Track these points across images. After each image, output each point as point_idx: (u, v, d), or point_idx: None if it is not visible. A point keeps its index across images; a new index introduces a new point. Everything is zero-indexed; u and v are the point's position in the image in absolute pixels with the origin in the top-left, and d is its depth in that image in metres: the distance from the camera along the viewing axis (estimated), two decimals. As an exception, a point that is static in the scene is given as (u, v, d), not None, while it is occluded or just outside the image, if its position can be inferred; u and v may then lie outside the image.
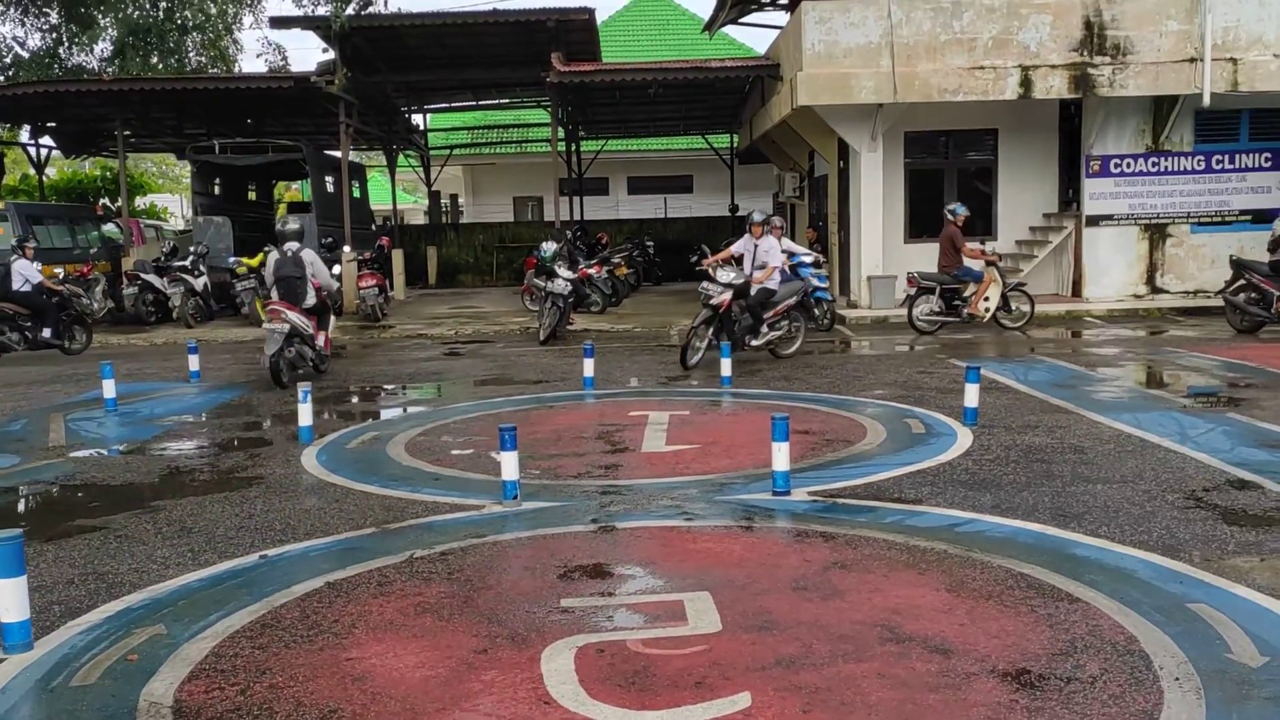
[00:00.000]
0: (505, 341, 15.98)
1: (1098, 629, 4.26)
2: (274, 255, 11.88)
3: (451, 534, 5.83)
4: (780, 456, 6.45)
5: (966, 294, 14.96)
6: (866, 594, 4.73)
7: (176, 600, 4.91)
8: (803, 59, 16.81)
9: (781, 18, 22.87)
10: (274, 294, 11.49)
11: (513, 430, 6.40)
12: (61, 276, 15.55)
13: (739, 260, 12.44)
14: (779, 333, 12.44)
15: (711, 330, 11.87)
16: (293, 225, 11.86)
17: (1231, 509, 5.94)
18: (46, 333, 14.65)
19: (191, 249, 19.24)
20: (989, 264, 15.08)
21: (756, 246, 12.21)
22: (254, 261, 18.53)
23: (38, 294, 14.67)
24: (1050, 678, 3.82)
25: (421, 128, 29.96)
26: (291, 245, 11.55)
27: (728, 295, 11.73)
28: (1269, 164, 17.72)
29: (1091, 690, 3.72)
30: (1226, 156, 17.79)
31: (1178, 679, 3.80)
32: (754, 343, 12.21)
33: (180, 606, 4.82)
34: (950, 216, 15.22)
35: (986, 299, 14.92)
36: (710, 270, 12.30)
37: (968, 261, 15.11)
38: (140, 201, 33.02)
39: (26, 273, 14.63)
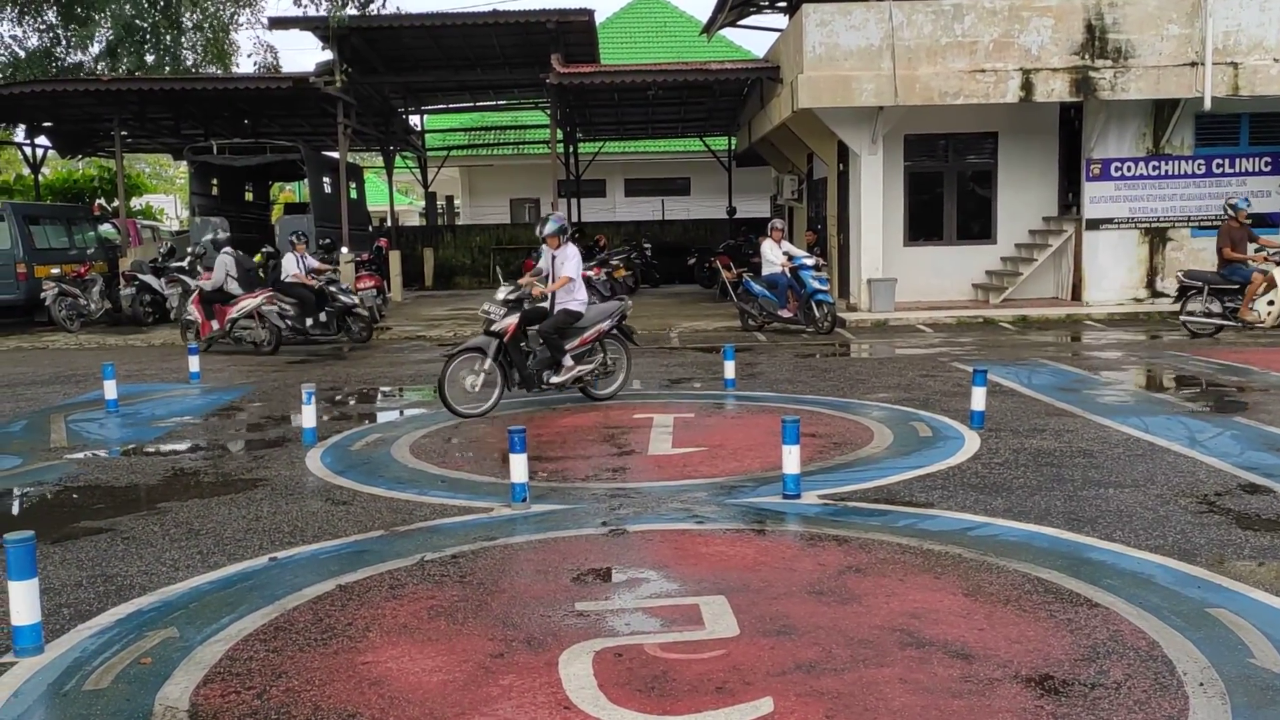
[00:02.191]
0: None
1: (1119, 634, 4.24)
2: (230, 256, 15.90)
3: (461, 537, 5.79)
4: (791, 459, 6.43)
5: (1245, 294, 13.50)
6: (884, 598, 4.70)
7: (188, 603, 4.86)
8: (803, 61, 16.80)
9: (780, 20, 22.88)
10: (237, 287, 15.60)
11: (522, 432, 6.36)
12: (319, 270, 15.75)
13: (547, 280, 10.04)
14: (589, 366, 10.01)
15: (497, 364, 9.48)
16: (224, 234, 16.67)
17: (1245, 513, 5.92)
18: (308, 323, 15.31)
19: (189, 250, 19.16)
20: (1270, 260, 13.60)
21: (554, 259, 9.92)
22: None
23: (300, 287, 15.23)
24: (1074, 683, 3.79)
25: (419, 129, 29.92)
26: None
27: (513, 319, 9.49)
28: (1269, 168, 17.76)
29: (1116, 696, 3.69)
30: (1227, 160, 17.82)
31: (1202, 684, 3.77)
32: (554, 380, 9.80)
33: (192, 609, 4.77)
34: (1230, 212, 14.15)
35: (1271, 301, 13.41)
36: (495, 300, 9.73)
37: (1242, 257, 13.81)
38: (136, 202, 32.91)
39: (289, 266, 15.43)
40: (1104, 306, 17.49)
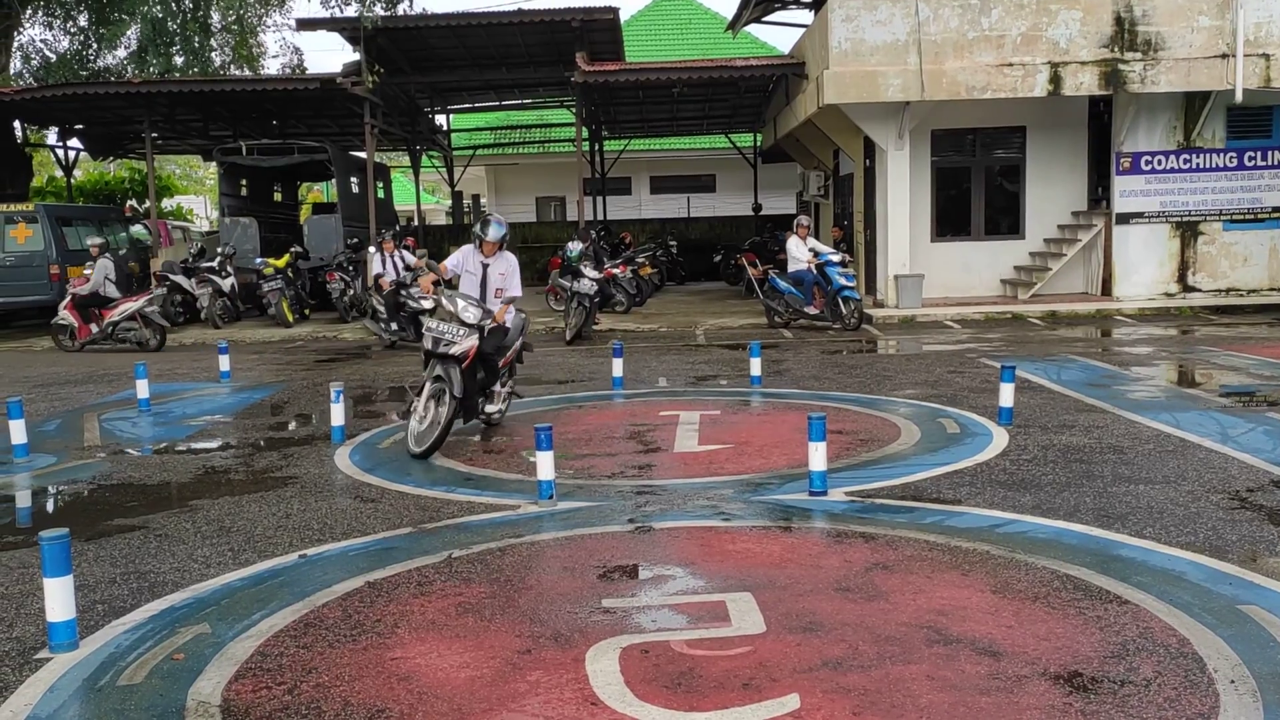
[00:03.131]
0: (531, 341, 15.95)
1: (1149, 631, 4.21)
2: (109, 260, 16.20)
3: (489, 534, 5.82)
4: (817, 456, 6.41)
5: None
6: (910, 595, 4.68)
7: (219, 599, 4.92)
8: (829, 57, 16.74)
9: (806, 16, 22.78)
10: (115, 290, 16.11)
11: (548, 430, 6.38)
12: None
13: (451, 284, 8.61)
14: (509, 388, 9.10)
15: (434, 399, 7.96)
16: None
17: (1277, 510, 5.85)
18: (393, 326, 15.27)
19: (219, 250, 19.35)
20: None
21: (487, 268, 8.44)
22: (280, 262, 18.65)
23: (381, 292, 15.35)
24: (1103, 680, 3.77)
25: (445, 128, 30.04)
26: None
27: (473, 341, 7.89)
28: (1302, 161, 17.52)
29: (1146, 694, 3.66)
30: (1259, 153, 17.59)
31: (1233, 682, 3.74)
32: (489, 409, 8.72)
33: (223, 605, 4.83)
34: None
35: None
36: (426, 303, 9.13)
37: None
38: (166, 203, 33.25)
39: (375, 266, 15.58)
40: (1134, 301, 17.32)
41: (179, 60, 24.66)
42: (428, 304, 12.94)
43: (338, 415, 8.65)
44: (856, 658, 4.03)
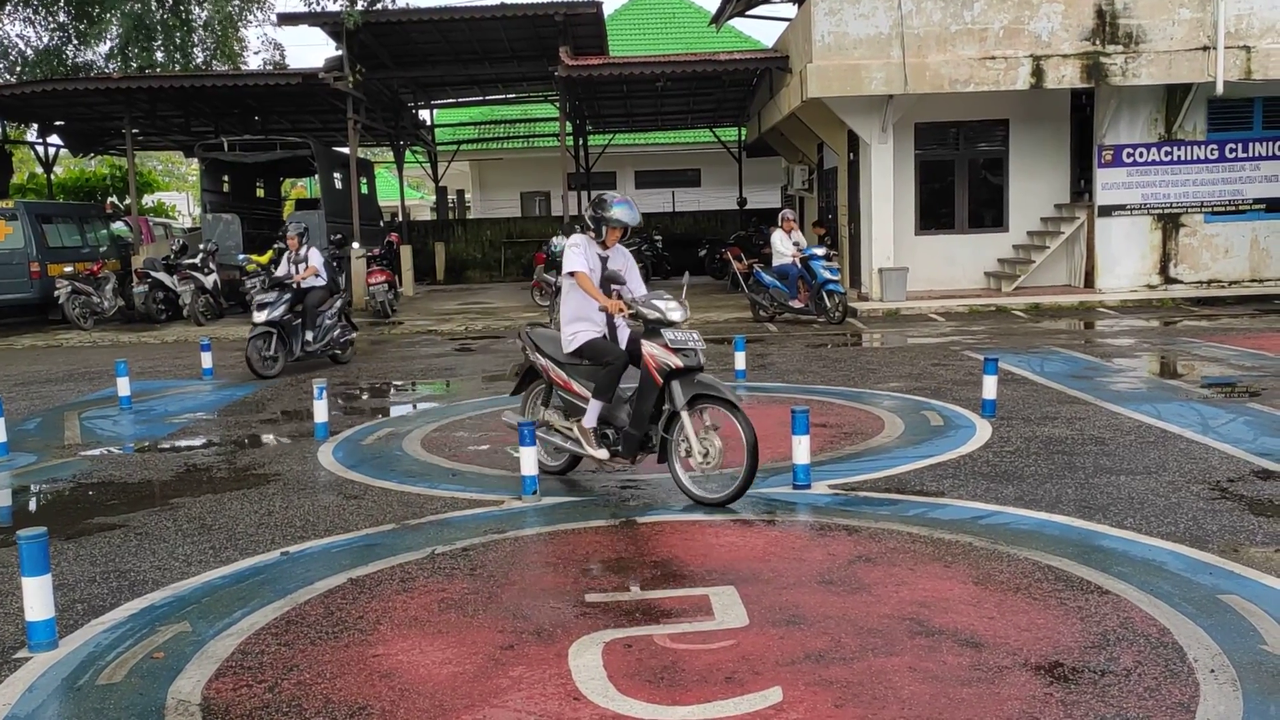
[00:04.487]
0: (516, 337, 15.93)
1: (1129, 621, 4.22)
2: None
3: (472, 530, 5.81)
4: (801, 450, 6.42)
5: None
6: (893, 587, 4.69)
7: (200, 597, 4.89)
8: (812, 50, 16.75)
9: (789, 10, 22.80)
10: None
11: (531, 425, 6.37)
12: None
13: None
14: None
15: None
16: None
17: (1258, 499, 5.89)
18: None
19: (201, 246, 19.24)
20: None
21: (605, 262, 7.28)
22: (264, 259, 18.53)
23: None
24: (1084, 671, 3.79)
25: (428, 123, 29.95)
26: None
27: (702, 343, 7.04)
28: (1283, 152, 17.62)
29: (1126, 683, 3.68)
30: (1240, 145, 17.70)
31: (1213, 671, 3.76)
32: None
33: (204, 604, 4.80)
34: None
35: None
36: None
37: None
38: (147, 199, 33.05)
39: (282, 267, 13.12)
40: (1117, 293, 17.40)
41: (160, 56, 24.53)
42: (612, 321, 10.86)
43: (320, 412, 8.61)
44: (839, 650, 4.04)
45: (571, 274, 6.47)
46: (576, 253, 6.52)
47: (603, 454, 6.46)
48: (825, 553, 5.22)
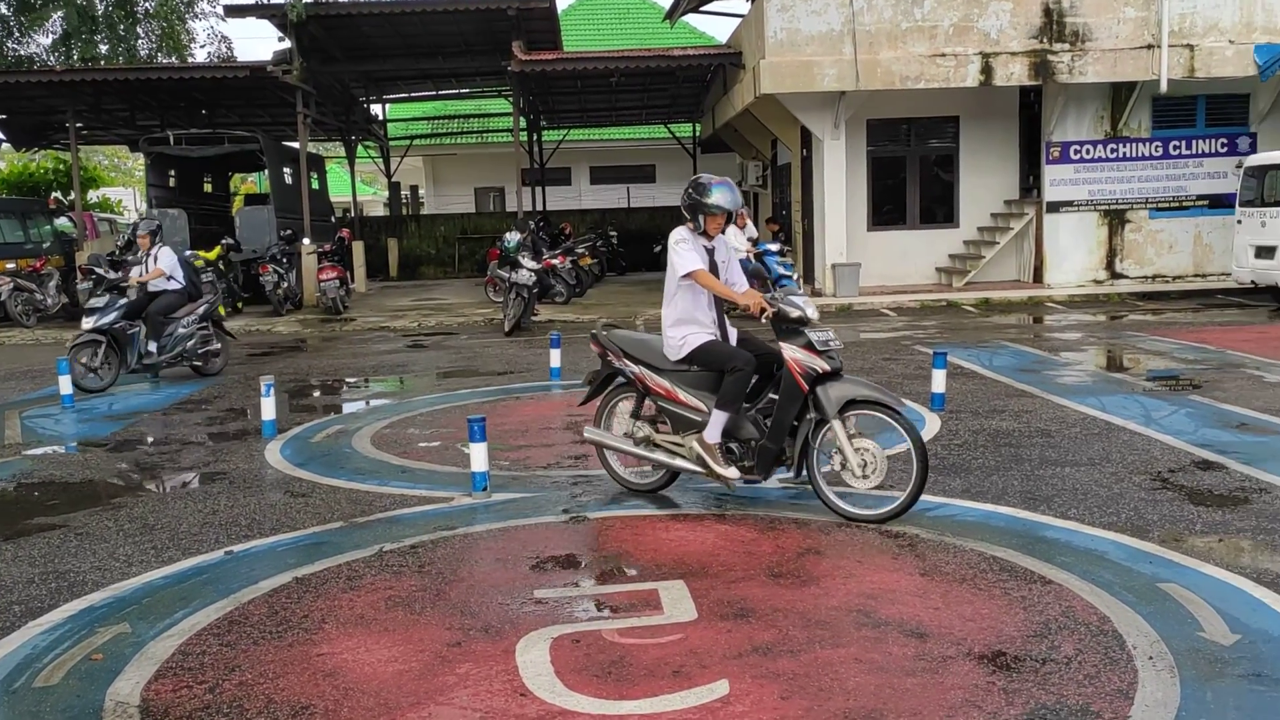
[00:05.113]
0: (469, 333, 15.87)
1: (1071, 610, 4.28)
2: None
3: (421, 527, 5.76)
4: (751, 444, 6.42)
5: None
6: (841, 580, 4.72)
7: (141, 598, 4.80)
8: (765, 47, 16.81)
9: (743, 5, 22.83)
10: None
11: (482, 421, 6.33)
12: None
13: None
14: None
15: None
16: None
17: (1197, 490, 6.00)
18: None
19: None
20: None
21: (712, 254, 6.55)
22: (211, 255, 18.26)
23: None
24: (1026, 659, 3.83)
25: (380, 118, 29.67)
26: None
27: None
28: (1225, 150, 17.99)
29: (1067, 671, 3.73)
30: (1184, 142, 18.03)
31: (1151, 658, 3.82)
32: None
33: (145, 605, 4.72)
34: None
35: None
36: None
37: None
38: (93, 195, 32.44)
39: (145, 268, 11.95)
40: (1065, 288, 17.66)
41: (104, 48, 24.09)
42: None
43: (268, 409, 8.50)
44: (786, 643, 4.05)
45: (689, 275, 5.78)
46: (686, 249, 5.87)
47: (733, 473, 5.73)
48: (775, 546, 5.24)
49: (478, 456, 6.36)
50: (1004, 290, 17.61)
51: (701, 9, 24.59)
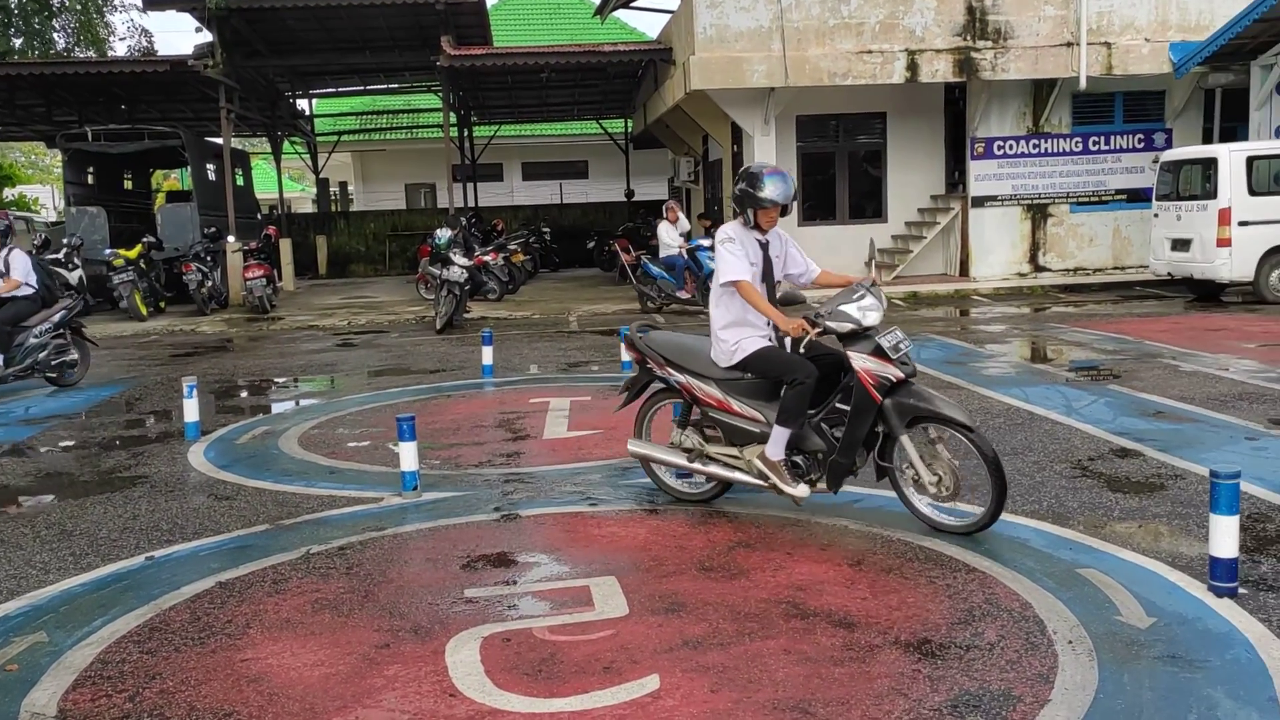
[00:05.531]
0: (400, 331, 15.70)
1: (994, 597, 4.37)
2: None
3: (349, 528, 5.68)
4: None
5: None
6: (771, 572, 4.76)
7: (58, 606, 4.67)
8: (694, 43, 16.86)
9: (672, 1, 22.88)
10: None
11: (411, 420, 6.26)
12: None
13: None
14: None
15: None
16: None
17: (1115, 477, 6.16)
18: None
19: (65, 241, 18.37)
20: None
21: (767, 248, 5.71)
22: (132, 253, 17.83)
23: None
24: (950, 646, 3.90)
25: (308, 113, 29.20)
26: None
27: None
28: (1142, 145, 18.47)
29: (990, 657, 3.80)
30: (1102, 138, 18.47)
31: (1071, 642, 3.91)
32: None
33: (62, 613, 4.59)
34: None
35: None
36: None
37: None
38: (8, 193, 31.45)
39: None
40: (990, 281, 18.00)
41: (18, 42, 23.35)
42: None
43: (191, 411, 8.32)
44: (716, 635, 4.07)
45: (731, 284, 5.33)
46: (731, 251, 5.37)
47: (803, 491, 5.29)
48: (706, 540, 5.27)
49: (407, 456, 6.29)
50: (931, 284, 17.90)
51: (631, 5, 24.64)
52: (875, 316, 5.18)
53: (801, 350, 5.26)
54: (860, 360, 5.05)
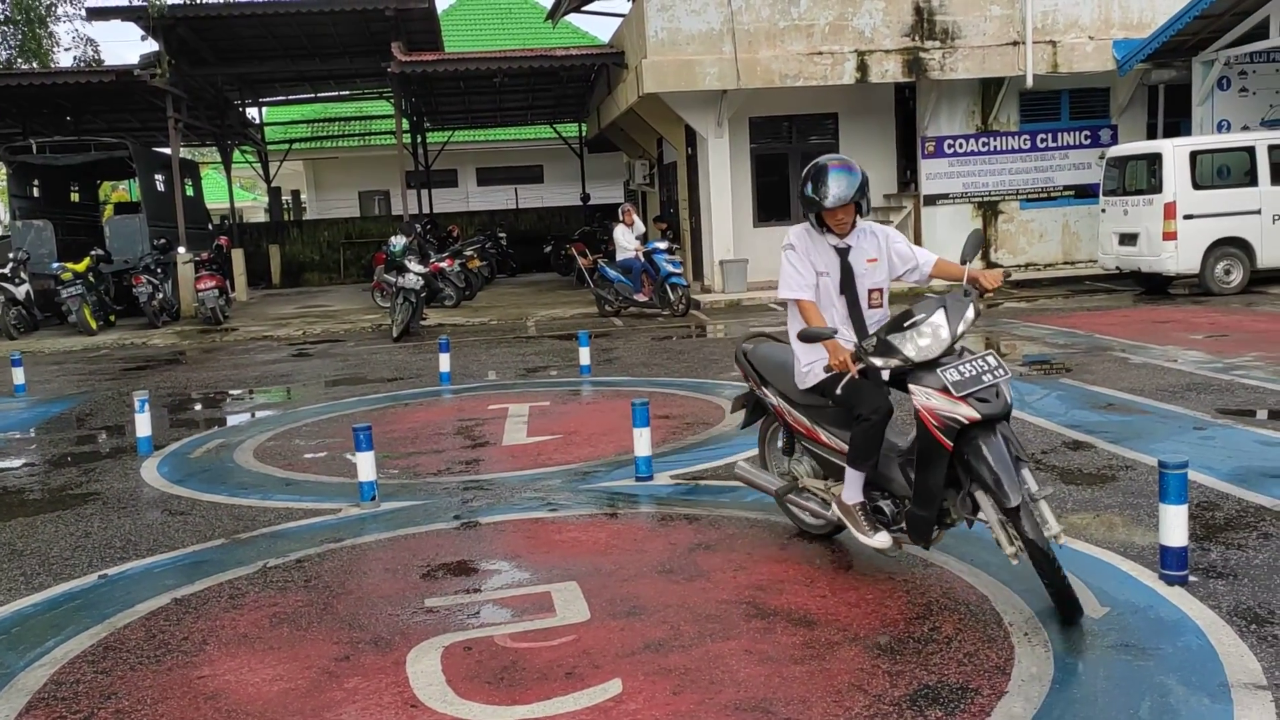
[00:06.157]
0: (356, 340, 15.57)
1: (951, 591, 4.42)
2: None
3: (307, 540, 5.63)
4: (642, 442, 6.47)
5: None
6: (731, 573, 4.78)
7: (9, 628, 4.59)
8: (646, 46, 16.90)
9: (624, 5, 22.91)
10: None
11: (368, 429, 6.22)
12: None
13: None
14: None
15: None
16: None
17: (1068, 469, 6.25)
18: None
19: (10, 255, 18.04)
20: None
21: (847, 255, 5.13)
22: (80, 267, 17.53)
23: None
24: (909, 641, 3.94)
25: (258, 122, 28.90)
26: None
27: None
28: (1089, 141, 18.76)
29: (948, 650, 3.85)
30: (1050, 135, 18.75)
31: (1027, 634, 3.96)
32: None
33: (13, 634, 4.51)
34: None
35: None
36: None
37: None
38: (-49, 206, 30.80)
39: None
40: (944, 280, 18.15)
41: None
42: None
43: (143, 426, 8.19)
44: (678, 638, 4.08)
45: (792, 302, 4.68)
46: (789, 260, 4.71)
47: (883, 541, 4.48)
48: (666, 542, 5.28)
49: (364, 466, 6.24)
50: (886, 282, 18.02)
51: (583, 9, 24.62)
52: (946, 334, 4.29)
53: (885, 376, 4.43)
54: (923, 396, 4.15)
